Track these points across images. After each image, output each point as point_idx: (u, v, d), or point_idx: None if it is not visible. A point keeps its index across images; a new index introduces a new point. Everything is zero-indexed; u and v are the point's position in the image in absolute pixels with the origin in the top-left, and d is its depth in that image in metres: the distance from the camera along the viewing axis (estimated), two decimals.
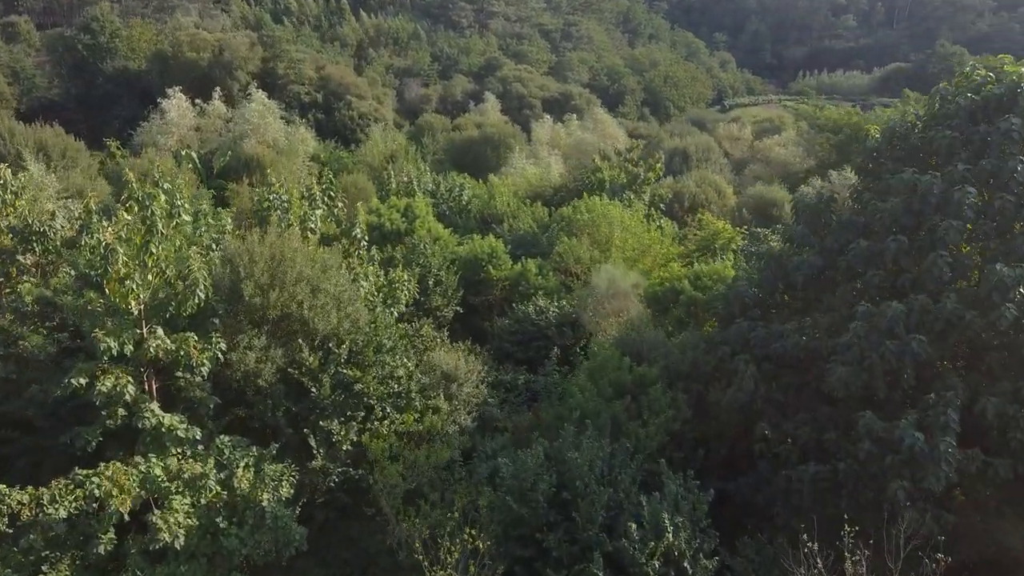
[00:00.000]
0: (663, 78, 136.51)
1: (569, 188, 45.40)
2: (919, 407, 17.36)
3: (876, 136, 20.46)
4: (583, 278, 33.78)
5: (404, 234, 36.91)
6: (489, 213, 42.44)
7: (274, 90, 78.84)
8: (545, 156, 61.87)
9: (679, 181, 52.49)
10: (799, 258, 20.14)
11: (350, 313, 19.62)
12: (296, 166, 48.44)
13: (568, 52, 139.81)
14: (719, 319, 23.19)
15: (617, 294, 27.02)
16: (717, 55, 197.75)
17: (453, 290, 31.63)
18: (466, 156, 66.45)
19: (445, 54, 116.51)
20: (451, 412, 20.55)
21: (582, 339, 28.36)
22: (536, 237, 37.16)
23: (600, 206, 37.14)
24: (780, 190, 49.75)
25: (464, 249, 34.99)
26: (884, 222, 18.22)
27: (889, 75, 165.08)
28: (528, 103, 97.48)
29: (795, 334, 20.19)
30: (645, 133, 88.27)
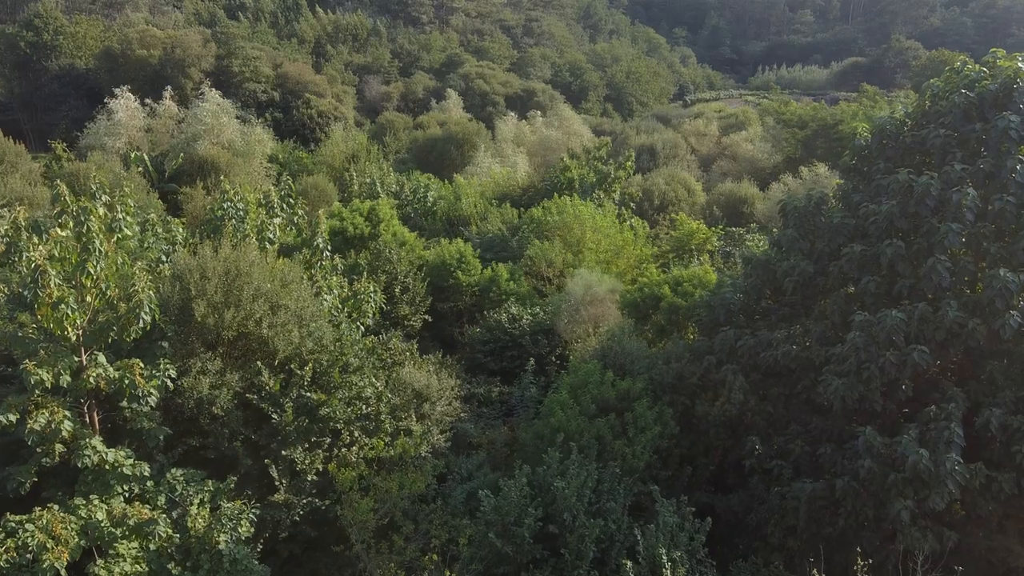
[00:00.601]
0: (625, 74, 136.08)
1: (538, 188, 44.22)
2: (919, 420, 16.49)
3: (865, 135, 19.57)
4: (556, 282, 32.67)
5: (368, 239, 35.43)
6: (456, 215, 41.08)
7: (229, 88, 76.33)
8: (511, 154, 60.62)
9: (648, 179, 51.66)
10: (789, 263, 19.17)
11: (313, 331, 18.16)
12: (253, 168, 46.53)
13: (530, 48, 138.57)
14: (702, 327, 22.18)
15: (594, 301, 25.90)
16: (677, 50, 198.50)
17: (421, 298, 30.28)
18: (430, 155, 64.87)
19: (405, 51, 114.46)
20: (424, 433, 19.20)
21: (558, 348, 27.22)
22: (506, 240, 35.92)
23: (571, 207, 36.04)
24: (750, 187, 49.18)
25: (431, 254, 33.63)
26: (879, 225, 17.30)
27: (847, 69, 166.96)
28: (491, 100, 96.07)
29: (785, 343, 19.24)
30: (609, 129, 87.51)
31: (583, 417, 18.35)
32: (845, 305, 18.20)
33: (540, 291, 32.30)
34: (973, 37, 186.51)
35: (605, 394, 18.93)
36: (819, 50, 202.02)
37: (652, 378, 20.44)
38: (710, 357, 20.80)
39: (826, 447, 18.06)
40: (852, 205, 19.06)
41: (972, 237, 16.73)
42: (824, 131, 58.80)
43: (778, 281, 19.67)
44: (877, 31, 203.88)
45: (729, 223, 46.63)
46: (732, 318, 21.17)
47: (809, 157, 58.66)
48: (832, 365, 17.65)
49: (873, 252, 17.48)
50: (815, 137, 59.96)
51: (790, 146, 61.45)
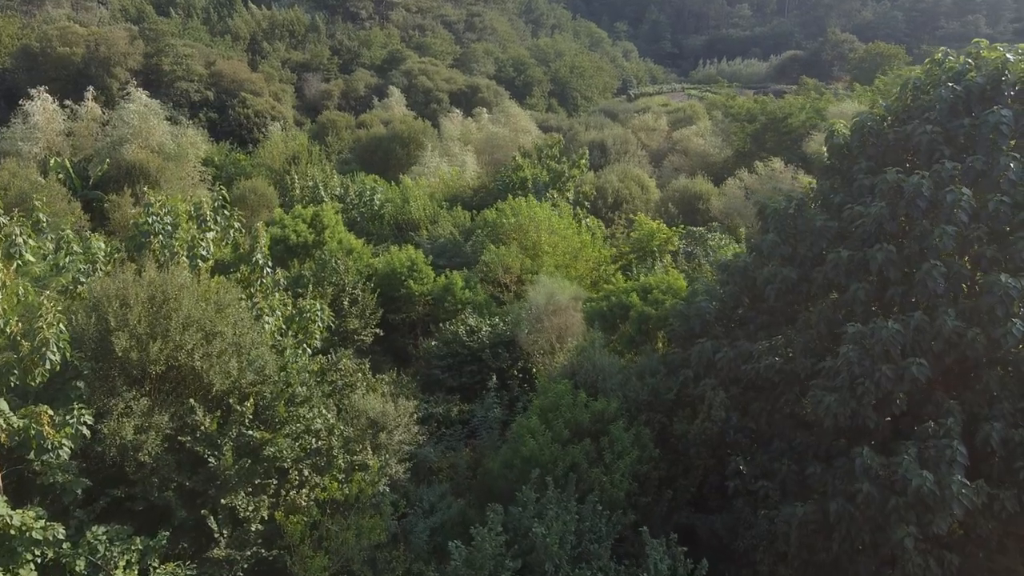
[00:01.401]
0: (569, 68, 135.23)
1: (489, 188, 42.55)
2: (916, 437, 15.41)
3: (844, 132, 18.44)
4: (514, 289, 31.10)
5: (312, 247, 33.34)
6: (405, 219, 39.18)
7: (160, 88, 72.63)
8: (458, 153, 58.70)
9: (601, 176, 50.45)
10: (770, 269, 17.94)
11: (254, 360, 16.22)
12: (187, 172, 43.74)
13: (472, 43, 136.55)
14: (675, 337, 20.88)
15: (557, 310, 24.40)
16: (619, 44, 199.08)
17: (372, 310, 28.37)
18: (374, 155, 62.62)
19: (345, 47, 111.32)
20: (381, 467, 17.43)
21: (520, 360, 25.66)
22: (458, 245, 34.19)
23: (526, 208, 34.49)
24: (705, 182, 48.36)
25: (380, 262, 31.70)
26: (868, 229, 16.15)
27: (785, 63, 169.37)
28: (435, 97, 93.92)
29: (768, 354, 18.03)
30: (556, 125, 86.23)
31: (556, 444, 16.82)
32: (832, 314, 17.03)
33: (498, 298, 30.69)
34: (904, 30, 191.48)
35: (578, 417, 17.44)
36: (757, 44, 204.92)
37: (626, 395, 19.04)
38: (686, 371, 19.51)
39: (815, 466, 16.91)
40: (833, 207, 17.92)
41: (965, 240, 15.70)
42: (773, 125, 58.47)
43: (758, 289, 18.45)
44: (812, 24, 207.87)
45: (685, 220, 45.68)
46: (708, 328, 19.92)
47: (759, 151, 58.28)
48: (821, 379, 16.48)
49: (861, 257, 16.35)
50: (764, 131, 59.60)
51: (739, 140, 61.00)
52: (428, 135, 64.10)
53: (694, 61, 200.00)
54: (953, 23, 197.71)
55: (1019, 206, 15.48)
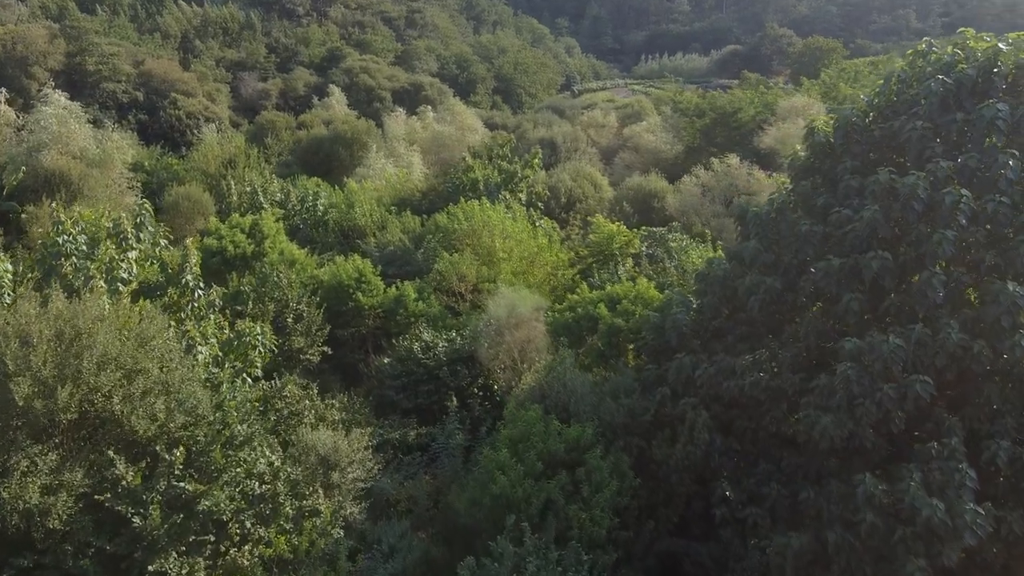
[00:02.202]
0: (513, 65, 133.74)
1: (439, 191, 40.69)
2: (918, 458, 14.27)
3: (826, 129, 17.24)
4: (470, 298, 29.39)
5: (252, 258, 31.10)
6: (351, 225, 37.09)
7: (84, 89, 68.71)
8: (404, 153, 56.60)
9: (552, 175, 48.97)
10: (752, 279, 16.63)
11: (184, 399, 14.21)
12: (112, 179, 40.84)
13: (414, 40, 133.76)
14: (650, 352, 19.47)
15: (519, 323, 22.81)
16: (562, 40, 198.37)
17: (318, 327, 26.34)
18: (316, 157, 60.08)
19: (282, 45, 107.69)
20: (335, 511, 15.61)
21: (480, 377, 24.00)
22: (409, 253, 32.32)
23: (479, 211, 32.79)
24: (659, 180, 47.29)
25: (326, 273, 29.64)
26: (860, 234, 14.93)
27: (726, 57, 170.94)
28: (378, 95, 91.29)
29: (752, 370, 16.72)
30: (502, 122, 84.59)
31: (528, 479, 15.21)
32: (821, 326, 15.80)
33: (453, 309, 28.94)
34: (838, 24, 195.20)
35: (552, 447, 15.88)
36: (697, 39, 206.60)
37: (600, 418, 17.55)
38: (663, 389, 18.11)
39: (808, 491, 15.68)
40: (816, 210, 16.70)
41: (963, 245, 14.61)
42: (723, 119, 57.86)
43: (739, 299, 17.14)
44: (751, 20, 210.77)
45: (641, 219, 44.55)
46: (685, 341, 18.55)
47: (709, 146, 57.63)
48: (813, 397, 15.23)
49: (853, 265, 15.13)
50: (714, 126, 58.95)
51: (689, 135, 60.26)
52: (372, 135, 61.82)
53: (636, 57, 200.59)
54: (885, 17, 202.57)
55: (1018, 207, 14.46)
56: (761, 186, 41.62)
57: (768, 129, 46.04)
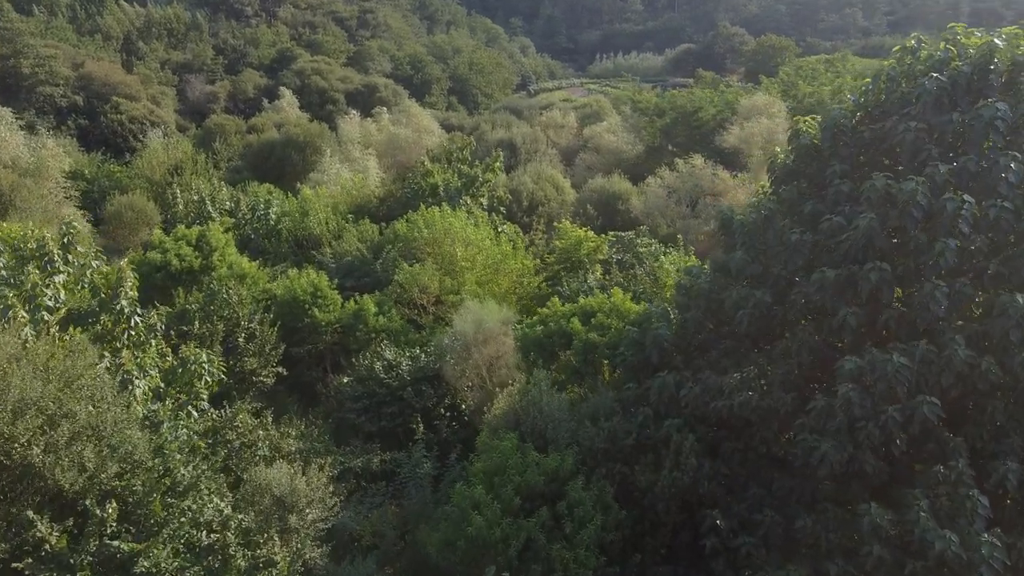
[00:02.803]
0: (468, 65, 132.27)
1: (397, 197, 39.14)
2: (924, 483, 13.34)
3: (812, 130, 16.26)
4: (432, 310, 28.00)
5: (199, 272, 29.27)
6: (305, 235, 35.37)
7: (19, 93, 65.64)
8: (359, 157, 54.85)
9: (513, 178, 47.75)
10: (739, 292, 15.56)
11: (118, 444, 12.61)
12: (48, 189, 38.48)
13: (366, 41, 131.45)
14: (628, 369, 18.31)
15: (488, 339, 21.49)
16: (516, 40, 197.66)
17: (272, 346, 24.71)
18: (267, 162, 58.02)
19: (230, 46, 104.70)
20: (293, 559, 14.12)
21: (447, 397, 22.62)
22: (367, 264, 30.77)
23: (440, 218, 31.39)
24: (622, 181, 46.37)
25: (279, 287, 27.97)
26: (856, 244, 13.94)
27: (680, 56, 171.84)
28: (330, 97, 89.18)
29: (741, 389, 15.65)
30: (458, 123, 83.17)
31: (506, 518, 13.91)
32: (814, 342, 14.78)
33: (416, 322, 27.53)
34: (788, 23, 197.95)
35: (530, 480, 14.60)
36: (651, 38, 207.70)
37: (580, 443, 16.35)
38: (645, 409, 16.97)
39: (804, 518, 14.63)
40: (804, 217, 15.70)
41: (964, 253, 13.71)
42: (684, 119, 57.26)
43: (725, 313, 16.07)
44: (703, 19, 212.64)
45: (606, 222, 43.60)
46: (666, 358, 17.44)
47: (670, 145, 57.03)
48: (809, 420, 14.21)
49: (848, 277, 14.13)
50: (674, 125, 58.34)
51: (649, 135, 59.56)
52: (325, 138, 59.93)
53: (590, 56, 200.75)
54: (832, 16, 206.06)
55: (1020, 212, 13.60)
56: (726, 186, 40.98)
57: (731, 128, 45.42)
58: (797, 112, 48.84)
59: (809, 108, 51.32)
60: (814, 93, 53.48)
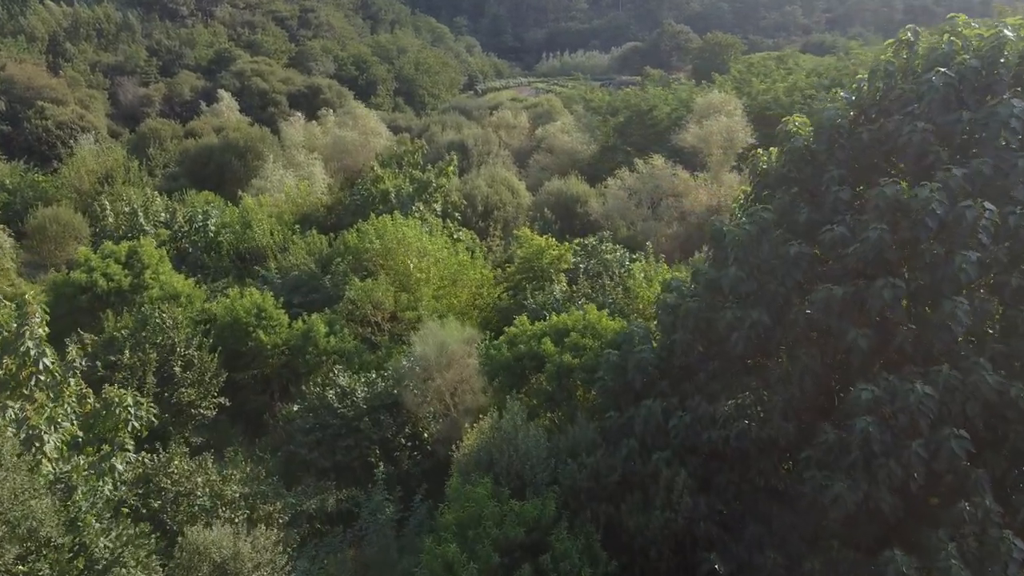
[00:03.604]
0: (414, 65, 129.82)
1: (346, 205, 36.99)
2: (948, 522, 12.04)
3: (804, 132, 14.88)
4: (387, 327, 26.09)
5: (130, 293, 26.86)
6: (248, 248, 33.03)
7: None
8: (304, 161, 52.35)
9: (466, 182, 45.93)
10: (733, 312, 14.09)
11: (19, 521, 10.51)
12: None
13: (308, 41, 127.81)
14: (609, 394, 16.72)
15: (451, 362, 19.73)
16: (462, 39, 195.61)
17: (212, 374, 22.54)
18: (206, 169, 55.09)
19: (165, 47, 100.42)
20: None
21: (407, 426, 20.77)
22: (315, 279, 28.66)
23: (392, 227, 29.45)
24: (580, 183, 44.92)
25: (220, 307, 25.72)
26: (865, 257, 12.57)
27: (626, 54, 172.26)
28: (272, 99, 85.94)
29: (736, 418, 14.21)
30: (405, 125, 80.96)
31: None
32: (819, 368, 13.38)
33: (370, 341, 25.58)
34: (731, 20, 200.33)
35: (510, 533, 12.89)
36: (596, 36, 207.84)
37: (560, 483, 14.72)
38: (630, 441, 15.40)
39: (811, 560, 13.25)
40: (799, 227, 14.31)
41: (983, 266, 12.43)
42: (638, 117, 56.17)
43: (717, 334, 14.59)
44: (647, 17, 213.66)
45: (564, 226, 42.10)
46: (651, 383, 15.90)
47: (624, 145, 55.88)
48: (817, 454, 12.82)
49: (855, 294, 12.77)
50: (628, 124, 57.23)
51: (603, 134, 58.31)
52: (268, 143, 57.23)
53: (537, 55, 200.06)
54: (773, 14, 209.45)
55: None
56: (687, 187, 39.83)
57: (689, 127, 44.33)
58: (752, 110, 48.24)
59: (764, 105, 50.72)
60: (768, 90, 52.89)
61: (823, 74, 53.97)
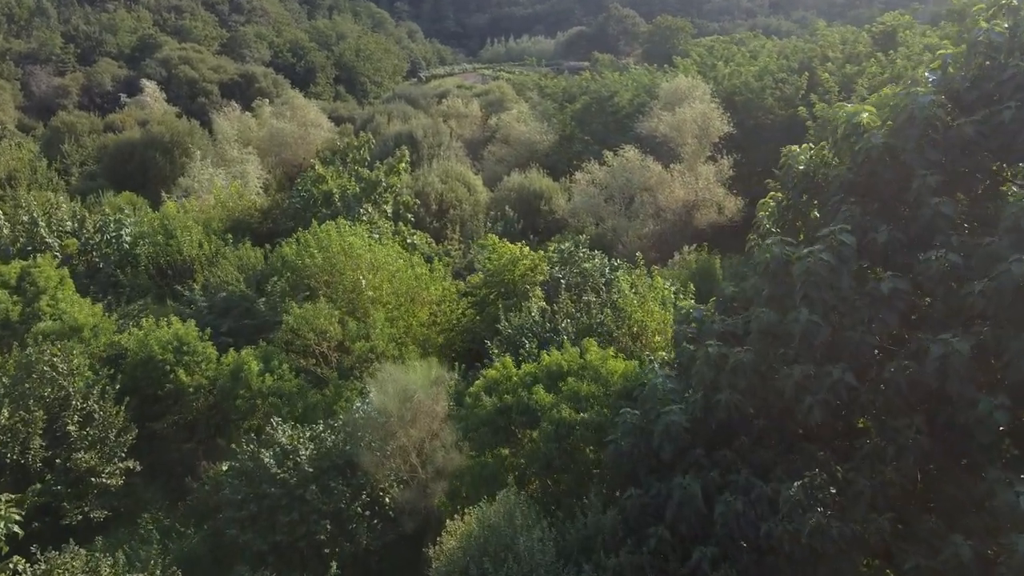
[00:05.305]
0: (354, 51, 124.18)
1: (284, 208, 32.60)
2: None
3: (871, 121, 11.42)
4: (335, 358, 22.06)
5: (20, 325, 22.30)
6: (170, 261, 28.47)
7: None
8: (237, 157, 47.54)
9: (418, 178, 41.89)
10: (803, 370, 10.55)
11: None
12: None
13: (241, 27, 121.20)
14: (625, 462, 13.07)
15: (417, 414, 15.90)
16: (403, 25, 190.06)
17: (120, 429, 18.28)
18: (127, 167, 49.93)
19: (83, 33, 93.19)
20: None
21: (364, 491, 16.85)
22: (248, 300, 24.38)
23: (337, 237, 25.35)
24: (542, 177, 41.26)
25: (132, 340, 21.33)
26: (1000, 298, 9.16)
27: (573, 39, 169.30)
28: (202, 89, 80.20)
29: (807, 507, 10.74)
30: (348, 115, 76.17)
31: None
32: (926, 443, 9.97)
33: (315, 375, 21.52)
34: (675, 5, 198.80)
35: None
36: (540, 21, 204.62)
37: None
38: (660, 530, 11.82)
39: None
40: (877, 252, 10.86)
41: None
42: (599, 104, 52.62)
43: (781, 397, 11.07)
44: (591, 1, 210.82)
45: (527, 225, 38.47)
46: (682, 451, 12.35)
47: (586, 133, 52.37)
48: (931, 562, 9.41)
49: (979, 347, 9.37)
50: (587, 111, 53.62)
51: (561, 123, 54.64)
52: (196, 137, 52.14)
53: (480, 40, 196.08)
54: None
55: None
56: (660, 180, 36.50)
57: (657, 114, 40.96)
58: (719, 95, 45.16)
59: (731, 90, 47.64)
60: (734, 74, 49.90)
61: (790, 56, 51.20)
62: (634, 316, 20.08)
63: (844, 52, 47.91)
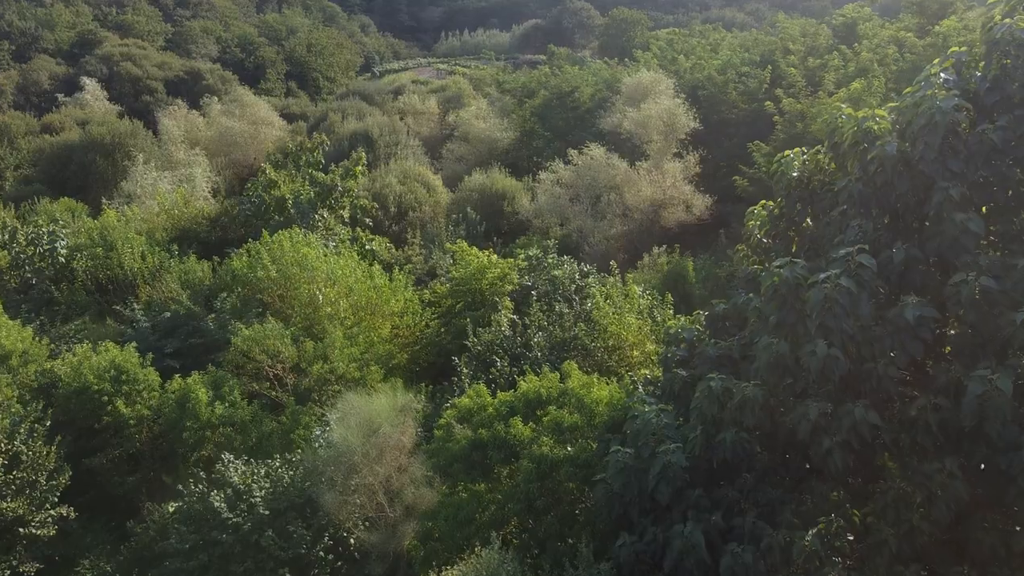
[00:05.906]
0: (306, 46, 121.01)
1: (233, 216, 30.72)
2: None
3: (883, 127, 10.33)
4: (291, 381, 20.50)
5: None
6: (110, 276, 26.50)
7: None
8: (184, 159, 45.30)
9: (375, 179, 40.23)
10: (819, 408, 9.44)
11: None
12: None
13: (187, 21, 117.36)
14: (615, 504, 11.87)
15: (383, 451, 14.50)
16: (356, 19, 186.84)
17: (51, 471, 16.55)
18: (66, 171, 47.31)
19: (17, 28, 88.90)
20: None
21: (326, 533, 15.41)
22: (195, 318, 22.64)
23: (291, 247, 23.75)
24: (505, 177, 39.92)
25: (65, 369, 19.50)
26: None
27: (528, 32, 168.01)
28: (147, 87, 77.00)
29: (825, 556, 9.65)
30: (300, 112, 73.86)
31: None
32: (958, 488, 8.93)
33: (270, 400, 19.96)
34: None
35: None
36: (495, 14, 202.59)
37: None
38: None
39: None
40: (892, 272, 9.79)
41: None
42: (559, 99, 51.37)
43: (794, 437, 9.94)
44: None
45: (490, 226, 37.10)
46: (681, 493, 11.18)
47: (547, 128, 51.09)
48: None
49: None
50: (547, 107, 52.31)
51: (521, 119, 53.27)
52: (140, 138, 49.60)
53: (435, 34, 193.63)
54: None
55: None
56: (626, 178, 35.41)
57: (621, 109, 39.87)
58: (681, 89, 44.26)
59: (694, 84, 46.80)
60: (696, 68, 49.09)
61: (751, 49, 50.54)
62: (610, 329, 18.91)
63: (805, 45, 47.35)
